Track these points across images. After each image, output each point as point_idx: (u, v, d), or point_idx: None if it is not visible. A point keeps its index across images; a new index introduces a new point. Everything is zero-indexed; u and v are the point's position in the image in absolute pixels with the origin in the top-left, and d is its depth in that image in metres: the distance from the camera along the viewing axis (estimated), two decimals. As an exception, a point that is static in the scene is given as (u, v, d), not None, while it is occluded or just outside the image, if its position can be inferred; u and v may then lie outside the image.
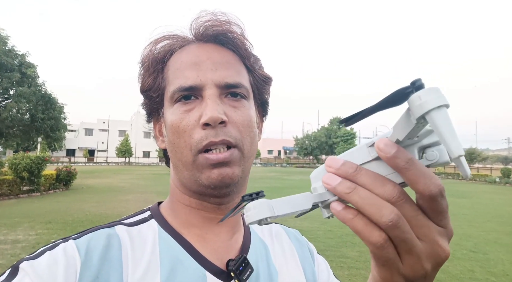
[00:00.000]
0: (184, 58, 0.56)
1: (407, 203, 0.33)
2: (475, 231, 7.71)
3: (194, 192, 0.57)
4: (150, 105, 0.60)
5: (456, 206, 11.39)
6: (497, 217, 9.73)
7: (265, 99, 0.65)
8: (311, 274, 0.67)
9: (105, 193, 13.10)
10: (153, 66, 0.58)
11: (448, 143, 0.26)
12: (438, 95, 0.27)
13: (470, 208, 11.23)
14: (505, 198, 14.89)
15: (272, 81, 0.65)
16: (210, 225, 0.59)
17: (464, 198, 14.11)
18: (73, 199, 11.51)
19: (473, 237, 7.11)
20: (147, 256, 0.53)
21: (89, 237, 0.52)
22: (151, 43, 0.59)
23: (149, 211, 0.61)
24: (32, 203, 10.62)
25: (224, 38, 0.57)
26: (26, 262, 0.47)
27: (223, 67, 0.55)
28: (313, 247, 0.73)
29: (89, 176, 21.75)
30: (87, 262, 0.48)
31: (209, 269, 0.54)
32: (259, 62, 0.62)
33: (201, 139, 0.52)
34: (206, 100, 0.53)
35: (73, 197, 12.11)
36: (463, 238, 6.91)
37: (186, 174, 0.55)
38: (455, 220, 8.64)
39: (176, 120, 0.54)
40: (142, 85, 0.60)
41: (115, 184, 16.99)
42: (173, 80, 0.56)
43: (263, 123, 0.68)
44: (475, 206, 11.79)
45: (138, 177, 22.70)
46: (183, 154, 0.54)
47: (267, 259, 0.63)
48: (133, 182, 18.78)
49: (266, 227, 0.70)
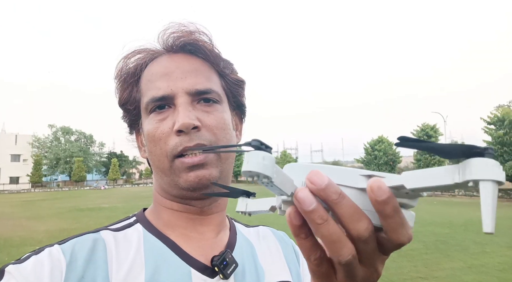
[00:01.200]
0: (154, 70, 0.59)
1: (371, 242, 0.31)
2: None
3: (176, 197, 0.59)
4: (129, 117, 0.64)
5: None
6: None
7: (241, 101, 0.67)
8: (296, 275, 0.67)
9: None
10: (127, 81, 0.61)
11: (486, 217, 0.27)
12: (500, 171, 0.27)
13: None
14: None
15: (245, 84, 0.67)
16: (194, 225, 0.61)
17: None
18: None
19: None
20: (132, 256, 0.54)
21: (74, 241, 0.53)
22: (123, 59, 0.62)
23: (134, 217, 0.62)
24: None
25: (192, 47, 0.60)
26: (12, 266, 0.48)
27: (193, 75, 0.58)
28: (299, 250, 0.71)
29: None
30: (72, 263, 0.50)
31: (193, 266, 0.55)
32: (230, 67, 0.64)
33: (176, 146, 0.54)
34: (178, 108, 0.55)
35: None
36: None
37: (166, 180, 0.58)
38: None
39: (152, 129, 0.57)
40: (119, 99, 0.63)
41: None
42: (146, 91, 0.59)
43: (242, 125, 0.70)
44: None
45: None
46: (160, 161, 0.57)
47: (253, 258, 0.64)
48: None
49: (253, 228, 0.72)
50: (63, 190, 41.84)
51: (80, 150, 50.64)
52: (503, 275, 5.54)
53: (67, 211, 15.85)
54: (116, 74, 0.63)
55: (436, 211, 14.41)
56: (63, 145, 50.87)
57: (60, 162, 48.99)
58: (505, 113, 20.09)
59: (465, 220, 11.36)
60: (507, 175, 18.56)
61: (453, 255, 6.84)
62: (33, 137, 49.80)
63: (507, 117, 19.72)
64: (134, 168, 61.35)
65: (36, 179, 42.45)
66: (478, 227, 9.57)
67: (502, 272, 5.72)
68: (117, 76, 0.63)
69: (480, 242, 7.94)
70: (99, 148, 56.34)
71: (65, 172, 49.96)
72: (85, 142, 54.23)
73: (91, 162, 52.95)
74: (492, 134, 20.35)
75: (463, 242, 7.99)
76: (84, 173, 46.38)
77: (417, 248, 7.25)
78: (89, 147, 54.15)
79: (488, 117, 20.76)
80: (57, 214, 14.94)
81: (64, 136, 52.44)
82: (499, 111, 20.67)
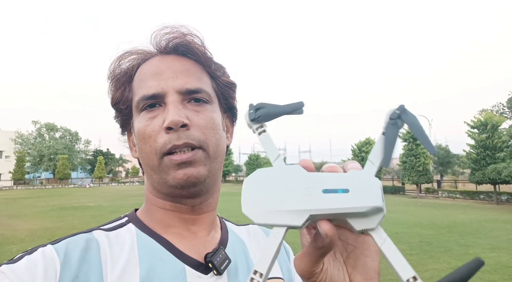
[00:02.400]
0: (146, 70, 0.60)
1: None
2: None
3: (166, 195, 0.59)
4: (121, 117, 0.64)
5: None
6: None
7: (232, 104, 0.68)
8: (287, 272, 0.69)
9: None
10: (120, 80, 0.62)
11: (398, 269, 0.31)
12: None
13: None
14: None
15: (236, 87, 0.68)
16: (186, 224, 0.61)
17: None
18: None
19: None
20: (126, 254, 0.54)
21: (68, 241, 0.53)
22: (117, 59, 0.63)
23: (126, 217, 0.63)
24: None
25: (184, 48, 0.61)
26: (5, 266, 0.48)
27: (183, 75, 0.58)
28: (289, 248, 0.76)
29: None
30: (66, 263, 0.49)
31: (188, 263, 0.56)
32: (222, 69, 0.65)
33: (165, 143, 0.55)
34: (168, 106, 0.56)
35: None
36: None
37: (156, 178, 0.58)
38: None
39: (142, 127, 0.57)
40: (112, 99, 0.64)
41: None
42: (137, 90, 0.60)
43: (233, 127, 0.71)
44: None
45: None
46: (149, 159, 0.57)
47: (245, 255, 0.65)
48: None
49: (244, 227, 0.74)
50: (47, 188, 41.03)
51: (65, 147, 49.74)
52: (486, 277, 5.67)
53: (51, 210, 15.53)
54: (109, 74, 0.64)
55: (420, 212, 14.67)
56: (47, 142, 49.89)
57: (44, 159, 48.04)
58: (488, 118, 20.48)
59: (449, 222, 11.60)
60: (488, 178, 18.97)
61: (437, 256, 6.97)
62: (16, 133, 48.69)
63: (490, 121, 20.12)
64: (120, 166, 60.63)
65: (18, 176, 41.46)
66: (462, 229, 9.79)
67: (485, 273, 5.85)
68: (110, 76, 0.64)
69: (463, 244, 8.11)
70: (84, 145, 55.43)
71: (49, 169, 48.98)
72: (70, 139, 53.26)
73: (76, 159, 52.09)
74: (475, 138, 20.70)
75: (447, 244, 8.14)
76: (69, 170, 45.52)
77: (402, 249, 7.29)
78: (74, 145, 53.20)
79: (472, 121, 21.12)
80: (40, 212, 14.63)
81: (48, 132, 51.41)
82: (482, 116, 21.12)
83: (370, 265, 0.43)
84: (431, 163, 27.82)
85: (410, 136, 26.07)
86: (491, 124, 20.14)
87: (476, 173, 20.07)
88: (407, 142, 26.23)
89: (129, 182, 48.99)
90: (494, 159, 19.59)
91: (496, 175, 18.19)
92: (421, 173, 25.11)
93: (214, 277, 0.57)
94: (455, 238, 8.86)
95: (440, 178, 35.36)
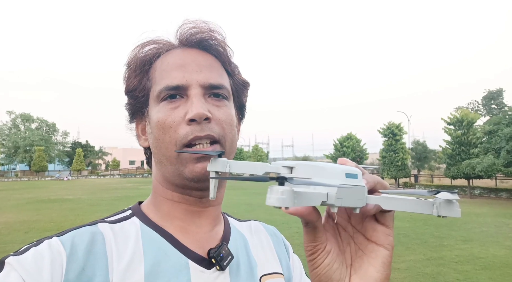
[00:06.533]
0: (170, 60, 0.60)
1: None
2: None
3: (177, 186, 0.60)
4: (135, 105, 0.63)
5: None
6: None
7: (243, 102, 0.69)
8: (286, 267, 0.70)
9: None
10: (139, 68, 0.62)
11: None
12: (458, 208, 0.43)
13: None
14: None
15: (249, 86, 0.69)
16: (192, 217, 0.62)
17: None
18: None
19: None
20: (131, 248, 0.55)
21: (73, 233, 0.54)
22: (138, 46, 0.63)
23: (130, 210, 0.63)
24: None
25: (207, 44, 0.62)
26: (12, 258, 0.48)
27: (207, 70, 0.60)
28: (289, 245, 0.77)
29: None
30: (72, 255, 0.50)
31: (191, 258, 0.57)
32: (237, 68, 0.67)
33: (187, 134, 0.55)
34: (192, 98, 0.57)
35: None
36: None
37: (170, 169, 0.58)
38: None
39: (163, 117, 0.57)
40: (127, 86, 0.63)
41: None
42: (159, 80, 0.59)
43: (240, 126, 0.72)
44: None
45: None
46: (168, 149, 0.57)
47: (246, 250, 0.66)
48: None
49: (245, 222, 0.75)
50: (22, 180, 39.80)
51: (41, 138, 48.34)
52: (459, 267, 5.92)
53: (27, 203, 15.12)
54: (128, 61, 0.63)
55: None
56: (23, 133, 48.28)
57: (19, 150, 46.57)
58: (464, 115, 21.14)
59: (424, 215, 11.83)
60: (463, 173, 19.65)
61: (413, 248, 7.22)
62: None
63: (466, 118, 20.81)
64: (100, 159, 59.30)
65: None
66: (436, 221, 10.14)
67: (459, 264, 6.12)
68: (129, 63, 0.63)
69: (438, 236, 8.43)
70: (62, 137, 53.94)
71: (25, 161, 47.52)
72: (47, 130, 51.71)
73: (53, 151, 50.69)
74: (451, 134, 21.35)
75: (423, 236, 8.44)
76: (46, 163, 44.29)
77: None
78: (51, 136, 51.69)
79: (448, 118, 21.79)
80: (16, 205, 14.22)
81: (24, 123, 49.71)
82: (459, 113, 21.80)
83: (372, 274, 0.46)
84: (409, 158, 28.52)
85: (390, 132, 26.63)
86: (467, 121, 20.84)
87: (452, 168, 20.75)
88: (387, 138, 26.78)
89: (109, 175, 47.97)
90: (469, 154, 20.29)
91: (470, 170, 18.83)
92: (399, 168, 25.75)
93: (216, 272, 0.58)
94: (431, 230, 9.19)
95: (418, 173, 36.33)
